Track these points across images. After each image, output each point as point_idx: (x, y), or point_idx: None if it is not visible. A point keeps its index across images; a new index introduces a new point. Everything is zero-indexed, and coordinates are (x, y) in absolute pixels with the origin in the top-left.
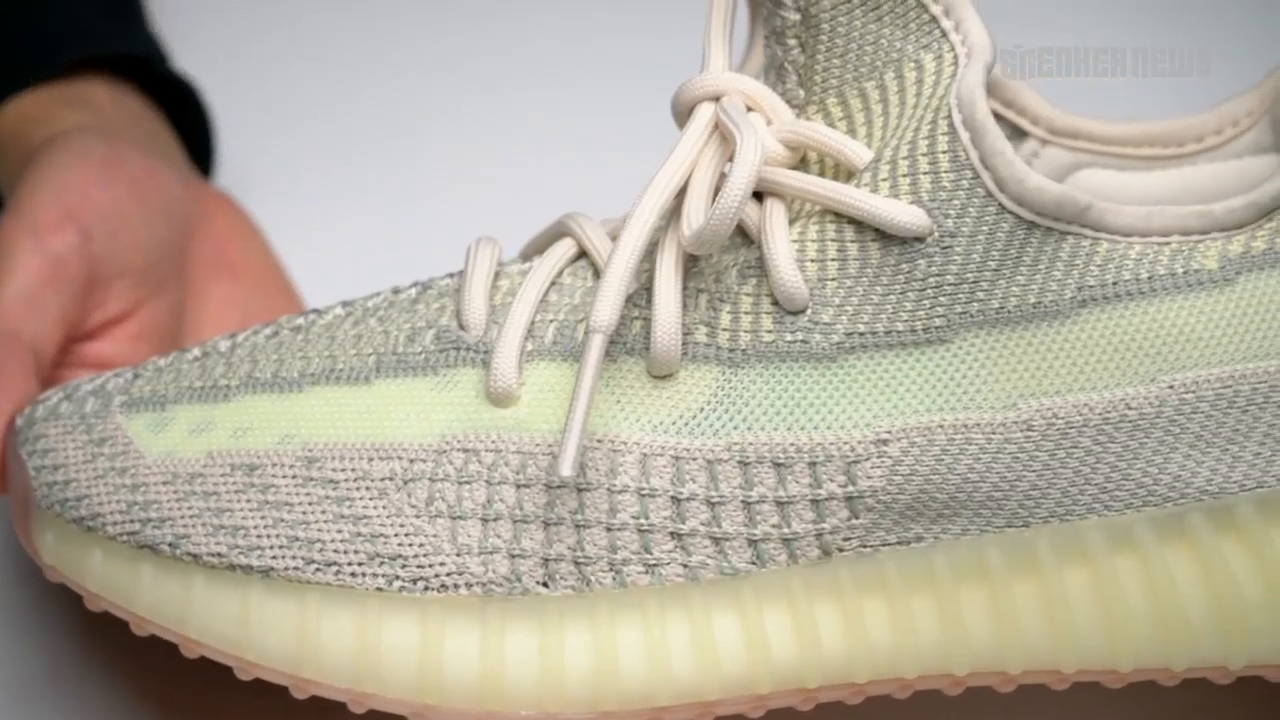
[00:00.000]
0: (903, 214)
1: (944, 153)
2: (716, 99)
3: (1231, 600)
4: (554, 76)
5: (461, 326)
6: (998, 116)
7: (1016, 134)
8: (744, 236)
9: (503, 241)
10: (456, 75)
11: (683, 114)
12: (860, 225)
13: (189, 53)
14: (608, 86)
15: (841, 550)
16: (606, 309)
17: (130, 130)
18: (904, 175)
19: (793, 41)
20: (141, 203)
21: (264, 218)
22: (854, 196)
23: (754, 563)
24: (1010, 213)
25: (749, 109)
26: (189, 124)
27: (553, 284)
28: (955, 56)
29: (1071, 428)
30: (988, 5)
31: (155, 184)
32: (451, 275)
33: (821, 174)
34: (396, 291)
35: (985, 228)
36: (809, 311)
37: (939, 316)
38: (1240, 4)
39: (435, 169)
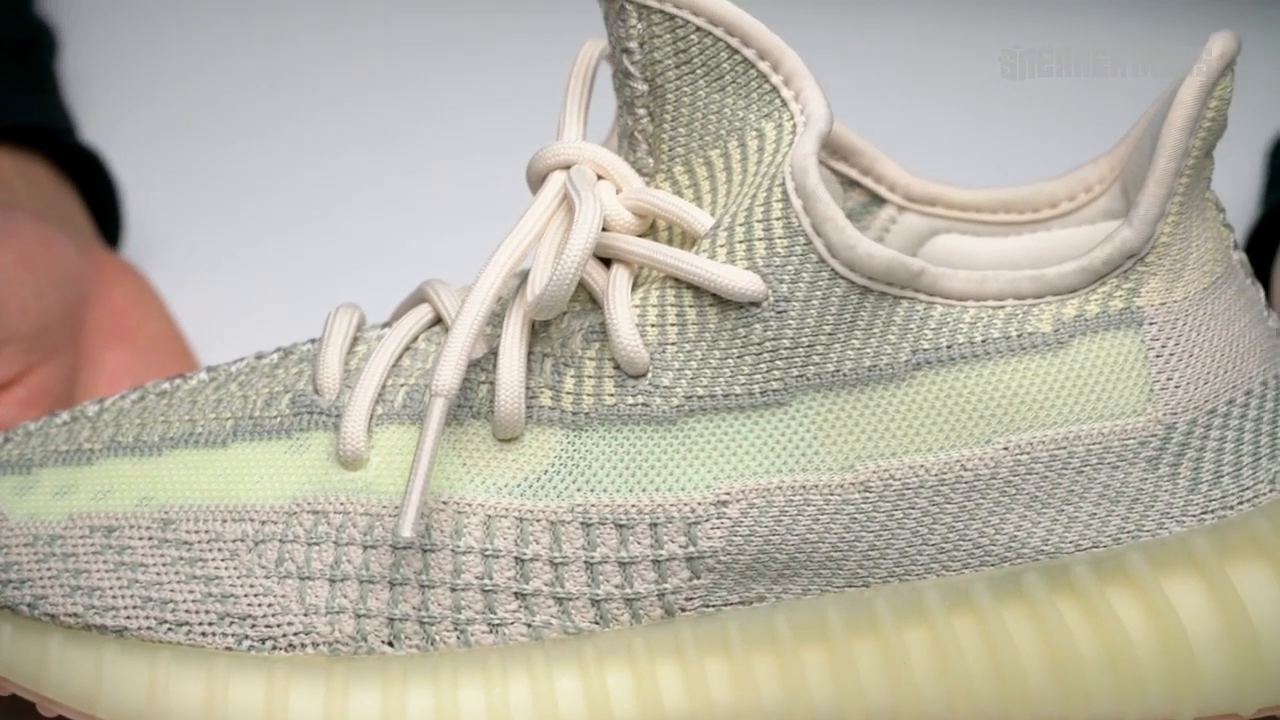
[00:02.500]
0: (738, 279)
1: (778, 219)
2: (568, 168)
3: (1068, 659)
4: (454, 148)
5: (316, 391)
6: (855, 183)
7: (874, 201)
8: (592, 302)
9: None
10: (357, 151)
11: (536, 182)
12: (699, 291)
13: (101, 127)
14: (506, 157)
15: (684, 610)
16: (448, 373)
17: (30, 199)
18: (740, 241)
19: (642, 111)
20: (32, 270)
21: (171, 286)
22: (691, 263)
23: (597, 622)
24: (843, 278)
25: (600, 177)
26: (98, 195)
27: (407, 349)
28: (794, 125)
29: (908, 489)
30: (991, 6)
31: (47, 252)
32: (313, 341)
33: (670, 241)
34: (259, 357)
35: (819, 293)
36: (649, 375)
37: (776, 380)
38: (1240, 7)
39: (335, 241)
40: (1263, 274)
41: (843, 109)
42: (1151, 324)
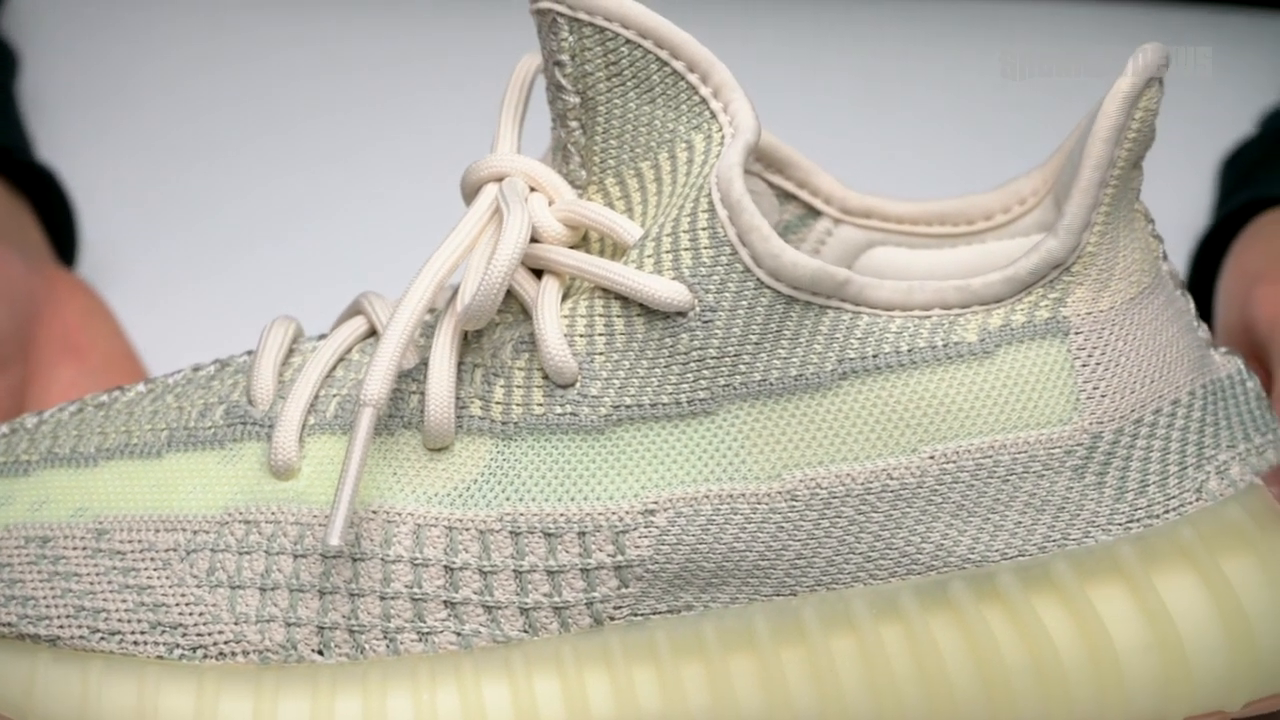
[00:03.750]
0: (664, 289)
1: (704, 229)
2: (500, 180)
3: (994, 667)
4: (402, 165)
5: (250, 401)
6: (791, 196)
7: (810, 214)
8: (524, 313)
9: None
10: (307, 170)
11: (470, 195)
12: (627, 301)
13: (58, 147)
14: (455, 173)
15: (612, 619)
16: (376, 383)
17: None
18: (667, 252)
19: (574, 124)
20: None
21: (125, 304)
22: (618, 273)
23: (526, 631)
24: (768, 287)
25: (533, 189)
26: (53, 213)
27: (341, 360)
28: (723, 136)
29: (835, 498)
30: (933, 18)
31: None
32: (249, 353)
33: (602, 252)
34: (196, 369)
35: (745, 302)
36: (578, 385)
37: (703, 389)
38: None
39: (288, 259)
40: (1211, 285)
41: (780, 122)
42: (1078, 333)
